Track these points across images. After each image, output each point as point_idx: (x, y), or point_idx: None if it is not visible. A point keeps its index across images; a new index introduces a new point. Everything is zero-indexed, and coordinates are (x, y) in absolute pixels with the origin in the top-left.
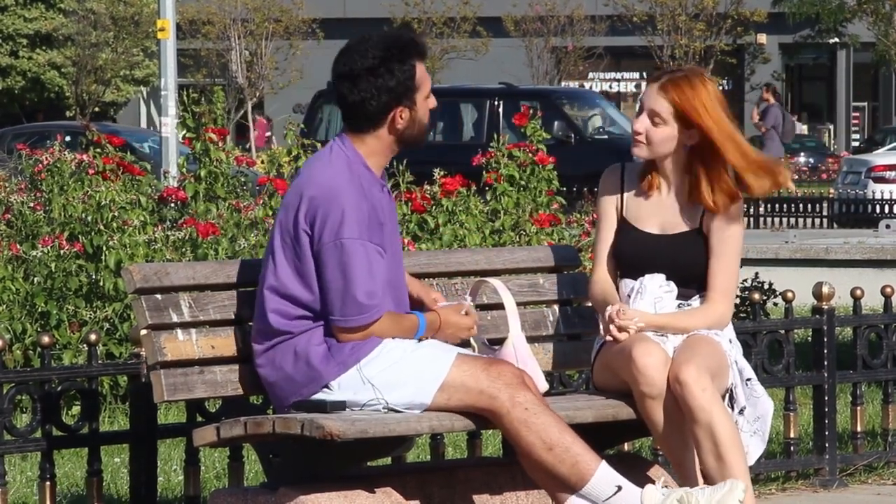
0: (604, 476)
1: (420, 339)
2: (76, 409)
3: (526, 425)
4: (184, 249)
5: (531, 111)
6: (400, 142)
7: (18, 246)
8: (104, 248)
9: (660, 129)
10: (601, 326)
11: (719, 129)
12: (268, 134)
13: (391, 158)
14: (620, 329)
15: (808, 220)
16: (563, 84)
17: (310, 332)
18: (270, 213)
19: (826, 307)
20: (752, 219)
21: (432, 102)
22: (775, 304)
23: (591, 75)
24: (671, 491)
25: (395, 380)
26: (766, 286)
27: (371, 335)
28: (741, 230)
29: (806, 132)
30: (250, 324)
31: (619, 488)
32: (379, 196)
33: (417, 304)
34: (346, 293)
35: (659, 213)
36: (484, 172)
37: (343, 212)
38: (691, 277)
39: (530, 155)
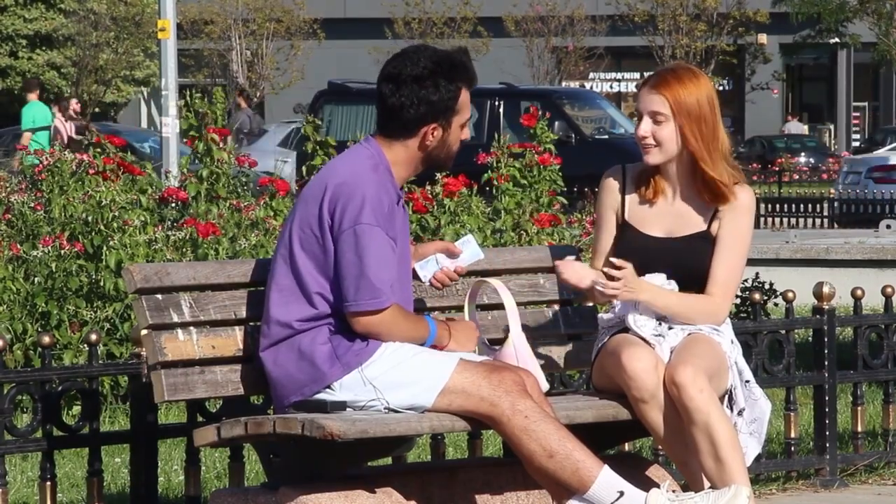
0: (605, 482)
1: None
2: (77, 409)
3: (526, 433)
4: (184, 249)
5: (536, 112)
6: (426, 160)
7: (19, 246)
8: (104, 248)
9: (665, 126)
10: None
11: (700, 134)
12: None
13: (413, 175)
14: (610, 277)
15: (809, 220)
16: (563, 84)
17: (315, 330)
18: (272, 213)
19: (826, 307)
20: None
21: (466, 133)
22: (776, 305)
23: (591, 75)
24: (675, 496)
25: (397, 382)
26: (766, 286)
27: (382, 325)
28: (751, 227)
29: (806, 132)
30: (251, 323)
31: (622, 494)
32: (395, 207)
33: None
34: (360, 277)
35: (664, 217)
36: (489, 171)
37: (364, 199)
38: (696, 279)
39: (535, 155)
